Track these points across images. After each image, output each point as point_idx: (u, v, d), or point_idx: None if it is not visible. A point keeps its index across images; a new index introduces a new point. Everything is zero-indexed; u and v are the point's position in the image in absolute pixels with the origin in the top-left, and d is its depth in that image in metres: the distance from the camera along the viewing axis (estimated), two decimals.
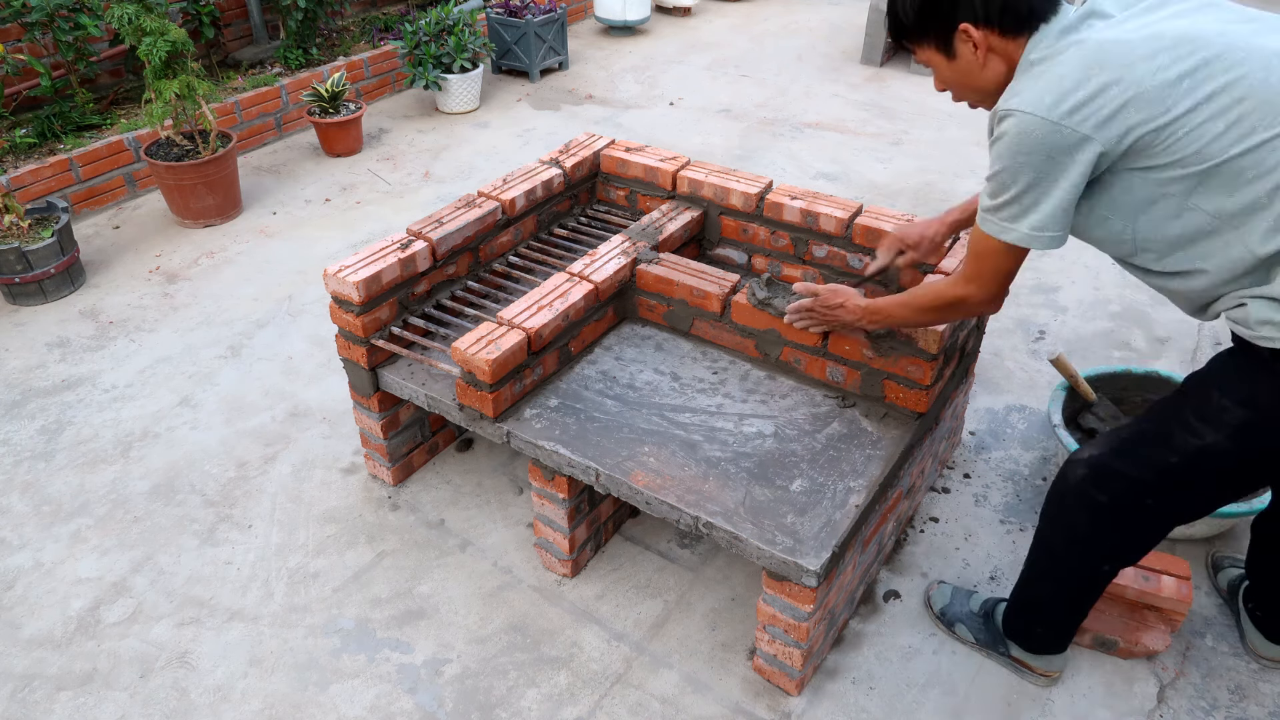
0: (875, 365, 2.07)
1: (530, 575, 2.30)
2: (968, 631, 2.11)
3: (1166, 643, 2.05)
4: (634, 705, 1.99)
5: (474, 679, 2.05)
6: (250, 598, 2.25)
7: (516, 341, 2.06)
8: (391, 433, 2.46)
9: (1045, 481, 2.57)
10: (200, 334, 3.22)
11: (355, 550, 2.38)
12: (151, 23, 3.53)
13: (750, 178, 2.56)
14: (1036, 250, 1.55)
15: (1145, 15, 1.48)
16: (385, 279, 2.24)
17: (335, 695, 2.02)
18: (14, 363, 3.08)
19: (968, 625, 2.12)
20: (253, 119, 4.58)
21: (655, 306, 2.38)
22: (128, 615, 2.21)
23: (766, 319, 2.18)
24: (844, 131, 4.84)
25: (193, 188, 3.80)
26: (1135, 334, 3.20)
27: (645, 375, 2.25)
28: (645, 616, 2.19)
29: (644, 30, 6.50)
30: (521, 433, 2.08)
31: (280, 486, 2.58)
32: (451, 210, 2.47)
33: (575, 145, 2.82)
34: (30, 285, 3.33)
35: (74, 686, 2.05)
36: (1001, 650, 2.07)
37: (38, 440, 2.75)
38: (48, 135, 4.04)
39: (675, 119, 5.01)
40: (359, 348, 2.29)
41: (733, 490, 1.92)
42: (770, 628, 1.92)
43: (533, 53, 5.44)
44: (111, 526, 2.45)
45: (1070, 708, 1.99)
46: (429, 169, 4.45)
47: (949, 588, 2.19)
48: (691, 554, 2.35)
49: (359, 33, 5.50)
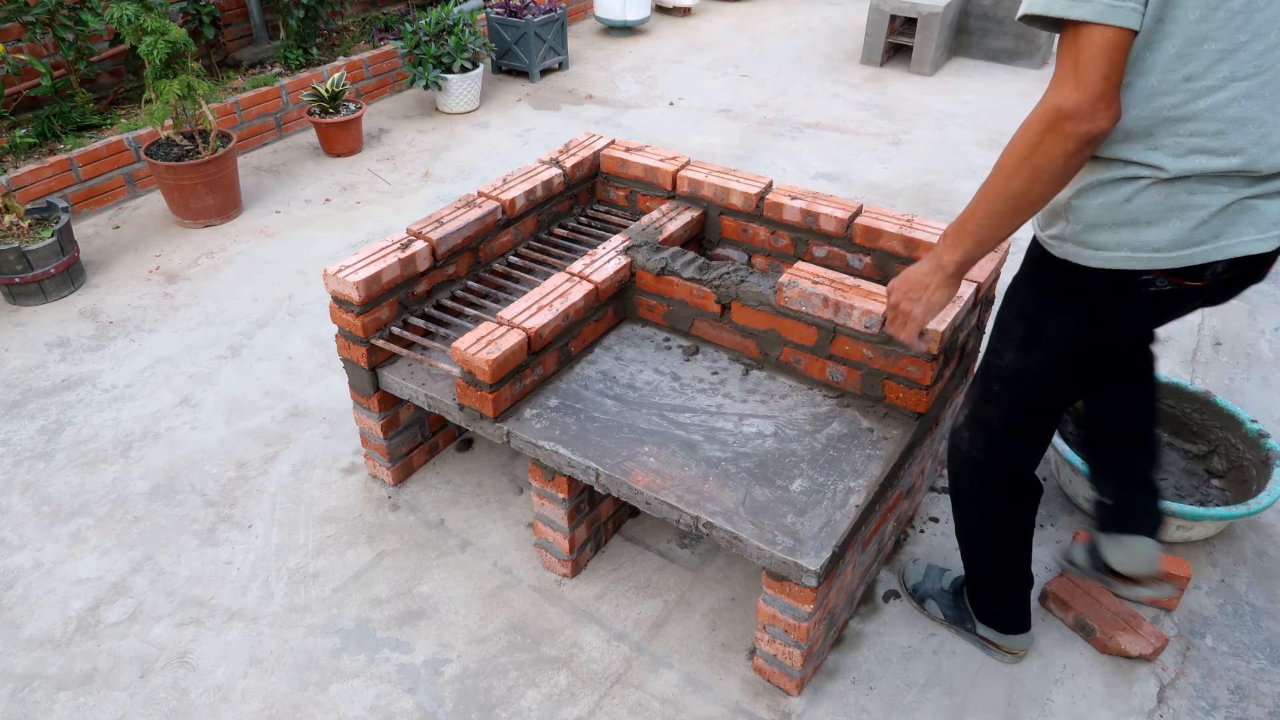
0: (875, 365, 2.07)
1: (530, 575, 2.30)
2: (937, 609, 2.14)
3: (1144, 651, 2.06)
4: (634, 705, 1.99)
5: (474, 679, 2.05)
6: (250, 598, 2.25)
7: (516, 341, 2.06)
8: (391, 433, 2.46)
9: (1045, 481, 2.58)
10: (200, 334, 3.22)
11: (355, 550, 2.38)
12: (151, 22, 3.53)
13: (750, 178, 2.56)
14: (1123, 23, 1.26)
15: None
16: (385, 279, 2.24)
17: (335, 695, 2.02)
18: (14, 363, 3.08)
19: (938, 602, 2.15)
20: (253, 119, 4.58)
21: (655, 306, 2.38)
22: (128, 615, 2.21)
23: (767, 318, 2.18)
24: (844, 131, 4.84)
25: (193, 188, 3.80)
26: None
27: (645, 375, 2.25)
28: (645, 616, 2.19)
29: (644, 30, 6.50)
30: (521, 433, 2.08)
31: (280, 486, 2.58)
32: (451, 210, 2.47)
33: (575, 145, 2.82)
34: (30, 285, 3.33)
35: (74, 686, 2.05)
36: (969, 628, 2.10)
37: (38, 440, 2.75)
38: (48, 135, 4.04)
39: (675, 119, 5.01)
40: (359, 348, 2.29)
41: (733, 490, 1.92)
42: (770, 628, 1.92)
43: (533, 53, 5.44)
44: (111, 526, 2.45)
45: (1070, 708, 1.99)
46: (429, 169, 4.45)
47: (924, 564, 2.22)
48: (691, 554, 2.35)
49: (359, 33, 5.50)
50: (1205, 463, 2.55)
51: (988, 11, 5.75)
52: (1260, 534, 2.41)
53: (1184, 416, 2.61)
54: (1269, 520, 2.45)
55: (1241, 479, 2.45)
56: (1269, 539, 2.40)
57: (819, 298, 2.05)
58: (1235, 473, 2.48)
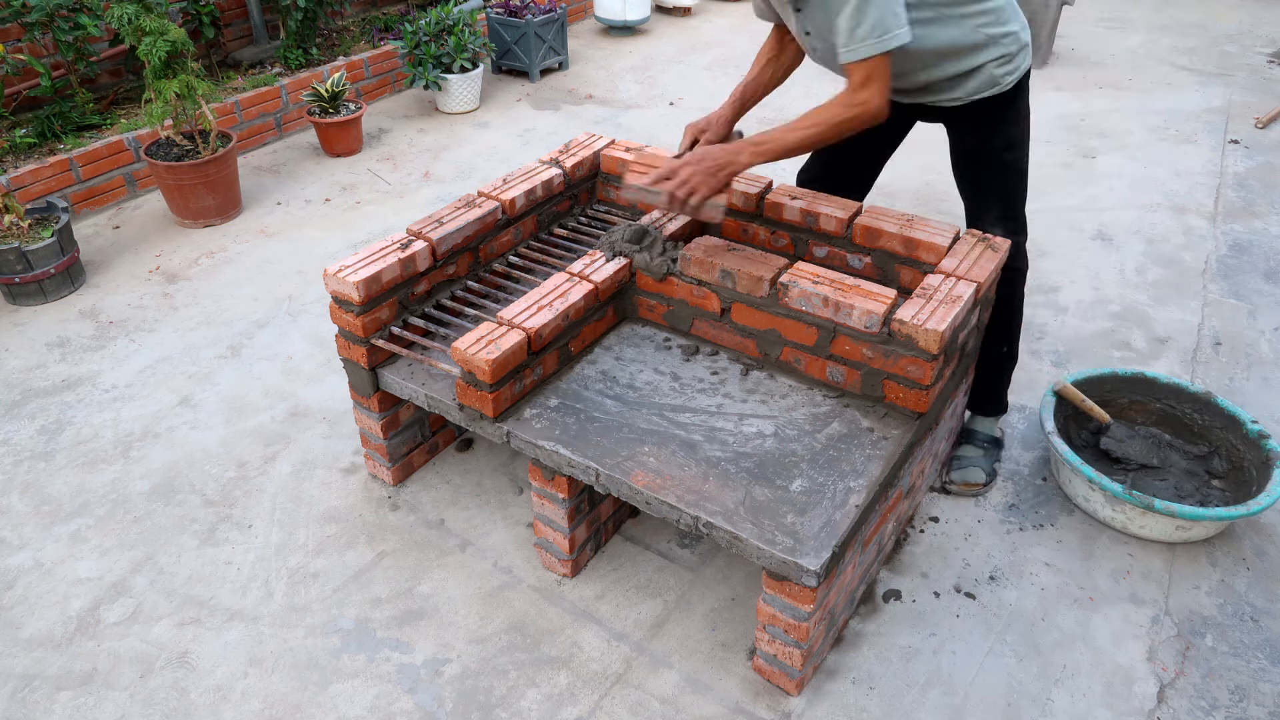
0: (875, 365, 2.07)
1: (530, 575, 2.30)
2: (979, 466, 2.56)
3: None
4: (634, 705, 1.99)
5: (474, 679, 2.05)
6: (250, 598, 2.25)
7: (516, 341, 2.06)
8: (391, 433, 2.46)
9: (1045, 481, 2.58)
10: (200, 334, 3.22)
11: (355, 550, 2.38)
12: (151, 23, 3.53)
13: (750, 177, 2.56)
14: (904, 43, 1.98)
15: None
16: (385, 279, 2.24)
17: (335, 695, 2.02)
18: (14, 363, 3.08)
19: (979, 465, 2.57)
20: (253, 119, 4.58)
21: (655, 306, 2.38)
22: (128, 615, 2.21)
23: (767, 318, 2.18)
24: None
25: (193, 188, 3.80)
26: (1135, 334, 3.20)
27: (645, 375, 2.25)
28: (645, 616, 2.19)
29: (644, 30, 6.50)
30: (521, 433, 2.08)
31: (280, 486, 2.58)
32: (451, 210, 2.47)
33: (575, 145, 2.82)
34: (30, 285, 3.33)
35: (74, 686, 2.05)
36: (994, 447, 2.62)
37: (38, 440, 2.75)
38: (48, 135, 4.04)
39: (675, 119, 5.01)
40: (359, 348, 2.29)
41: (733, 490, 1.92)
42: (770, 628, 1.92)
43: (533, 53, 5.44)
44: (111, 526, 2.45)
45: (1070, 707, 1.99)
46: (429, 169, 4.45)
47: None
48: (691, 554, 2.35)
49: (359, 33, 5.50)
50: (1206, 464, 2.55)
51: None
52: (1260, 534, 2.41)
53: (1185, 417, 2.61)
54: (1269, 520, 2.45)
55: (1242, 480, 2.45)
56: (1269, 539, 2.40)
57: (819, 298, 2.05)
58: (1235, 473, 2.48)
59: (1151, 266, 3.61)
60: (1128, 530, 2.37)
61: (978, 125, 2.32)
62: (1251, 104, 5.14)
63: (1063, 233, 3.84)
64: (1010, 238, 2.35)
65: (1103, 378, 2.66)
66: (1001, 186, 2.38)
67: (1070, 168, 4.43)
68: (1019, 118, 2.33)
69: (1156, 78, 5.56)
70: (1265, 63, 5.81)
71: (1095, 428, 2.65)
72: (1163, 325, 3.25)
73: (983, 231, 2.35)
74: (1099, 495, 2.37)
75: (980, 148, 2.35)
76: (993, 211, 2.39)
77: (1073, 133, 4.81)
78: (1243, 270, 3.58)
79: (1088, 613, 2.20)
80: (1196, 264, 3.63)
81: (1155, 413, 2.66)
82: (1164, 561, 2.33)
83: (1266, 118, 4.88)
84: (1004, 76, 2.23)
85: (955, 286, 2.07)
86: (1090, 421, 2.65)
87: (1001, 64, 2.21)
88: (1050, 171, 4.37)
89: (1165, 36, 6.30)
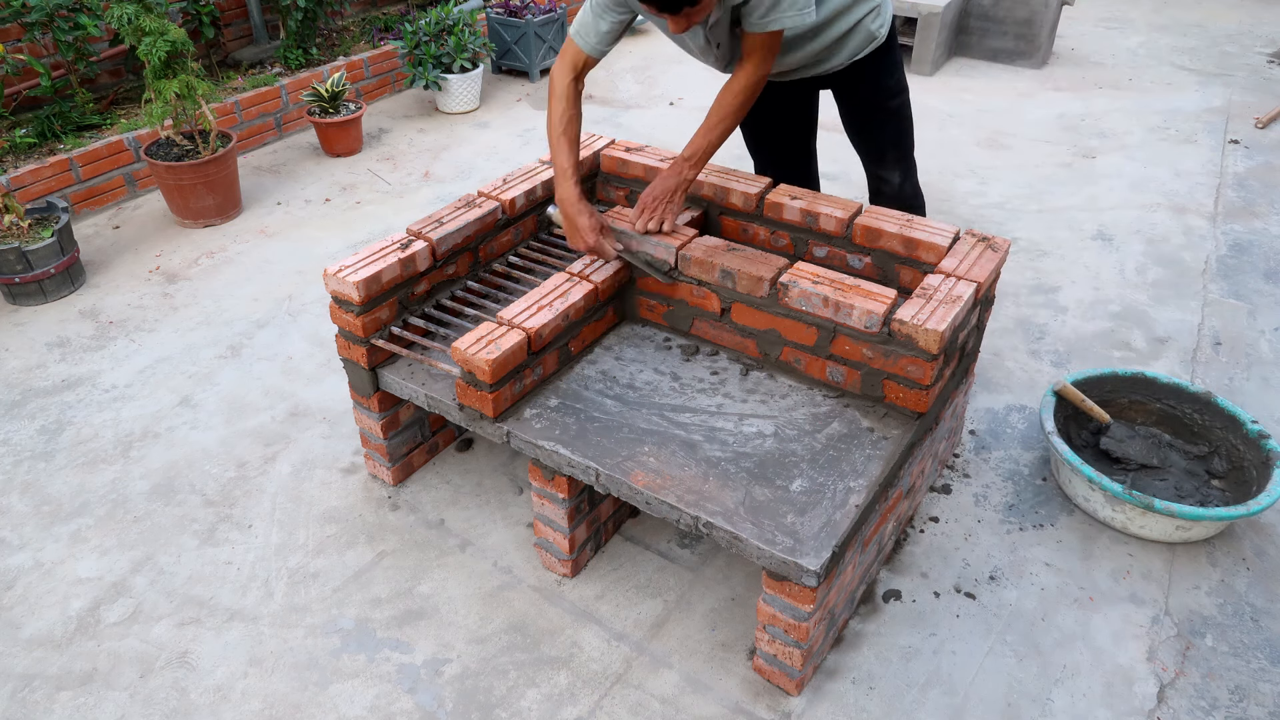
0: (875, 365, 2.07)
1: (530, 575, 2.30)
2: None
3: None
4: (634, 705, 1.99)
5: (474, 679, 2.05)
6: (250, 598, 2.25)
7: (516, 341, 2.06)
8: (391, 433, 2.46)
9: (1045, 481, 2.58)
10: (200, 334, 3.22)
11: (355, 550, 2.38)
12: (151, 23, 3.53)
13: (750, 177, 2.56)
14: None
15: None
16: (385, 279, 2.24)
17: (335, 695, 2.02)
18: (14, 363, 3.08)
19: None
20: (253, 119, 4.58)
21: (655, 306, 2.38)
22: (128, 615, 2.21)
23: (767, 318, 2.18)
24: (844, 131, 4.83)
25: (193, 188, 3.80)
26: (1135, 334, 3.20)
27: (645, 375, 2.25)
28: (645, 616, 2.19)
29: (644, 30, 6.50)
30: (521, 433, 2.08)
31: (280, 486, 2.58)
32: (451, 210, 2.47)
33: None
34: (30, 285, 3.33)
35: (74, 686, 2.05)
36: None
37: (38, 440, 2.75)
38: (48, 135, 4.04)
39: (675, 119, 5.01)
40: (359, 348, 2.29)
41: (733, 490, 1.92)
42: (770, 628, 1.92)
43: (533, 53, 5.45)
44: (111, 526, 2.45)
45: (1070, 707, 1.99)
46: (429, 169, 4.45)
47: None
48: (691, 554, 2.35)
49: (359, 33, 5.50)
50: (1206, 464, 2.55)
51: (988, 11, 5.75)
52: (1260, 534, 2.41)
53: (1185, 417, 2.61)
54: (1269, 520, 2.45)
55: (1242, 480, 2.45)
56: (1269, 539, 2.40)
57: (819, 297, 2.05)
58: (1235, 473, 2.48)
59: (1151, 266, 3.61)
60: (1128, 530, 2.37)
61: (862, 81, 2.53)
62: (1251, 104, 5.14)
63: (1063, 233, 3.84)
64: (906, 179, 2.62)
65: (1103, 378, 2.66)
66: (895, 132, 2.62)
67: (1070, 168, 4.43)
68: (895, 65, 2.53)
69: (1156, 78, 5.56)
70: (1265, 63, 5.81)
71: (1095, 428, 2.65)
72: (1163, 325, 3.25)
73: (882, 178, 2.55)
74: (1099, 495, 2.37)
75: (868, 100, 2.58)
76: (888, 156, 2.62)
77: (1072, 133, 4.81)
78: (1243, 270, 3.58)
79: (1088, 613, 2.20)
80: (1196, 264, 3.63)
81: (1155, 413, 2.66)
82: (1164, 561, 2.33)
83: (1266, 118, 4.89)
84: (879, 29, 2.43)
85: (955, 286, 2.07)
86: (1090, 421, 2.65)
87: (874, 18, 2.41)
88: (1050, 171, 4.37)
89: (1165, 36, 6.30)
